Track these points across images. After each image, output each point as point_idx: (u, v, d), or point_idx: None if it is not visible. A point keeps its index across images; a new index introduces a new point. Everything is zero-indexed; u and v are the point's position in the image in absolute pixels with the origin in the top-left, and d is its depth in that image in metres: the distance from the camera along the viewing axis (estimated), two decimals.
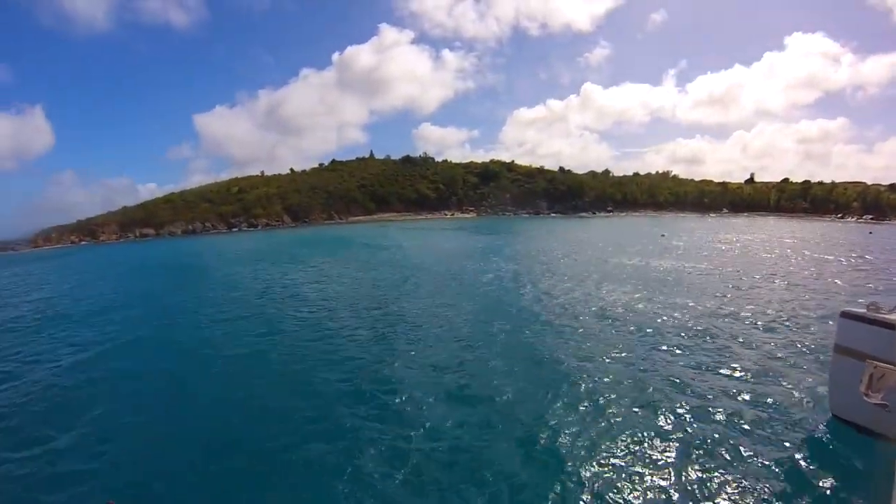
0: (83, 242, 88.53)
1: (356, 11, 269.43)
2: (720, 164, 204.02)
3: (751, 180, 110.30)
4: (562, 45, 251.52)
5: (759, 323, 14.65)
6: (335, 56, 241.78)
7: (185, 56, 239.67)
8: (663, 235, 47.73)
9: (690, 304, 17.04)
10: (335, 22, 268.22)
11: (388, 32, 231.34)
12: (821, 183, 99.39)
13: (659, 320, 15.04)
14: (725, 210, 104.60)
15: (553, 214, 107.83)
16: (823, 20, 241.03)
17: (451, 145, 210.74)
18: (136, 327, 17.75)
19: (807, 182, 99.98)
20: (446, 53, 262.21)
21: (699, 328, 14.14)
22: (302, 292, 22.35)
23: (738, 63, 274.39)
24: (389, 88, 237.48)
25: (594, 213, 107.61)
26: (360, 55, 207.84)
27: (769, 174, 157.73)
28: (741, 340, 12.98)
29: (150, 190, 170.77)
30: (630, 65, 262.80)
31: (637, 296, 18.70)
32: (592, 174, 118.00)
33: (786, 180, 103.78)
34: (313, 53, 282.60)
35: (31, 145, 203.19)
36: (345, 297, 20.72)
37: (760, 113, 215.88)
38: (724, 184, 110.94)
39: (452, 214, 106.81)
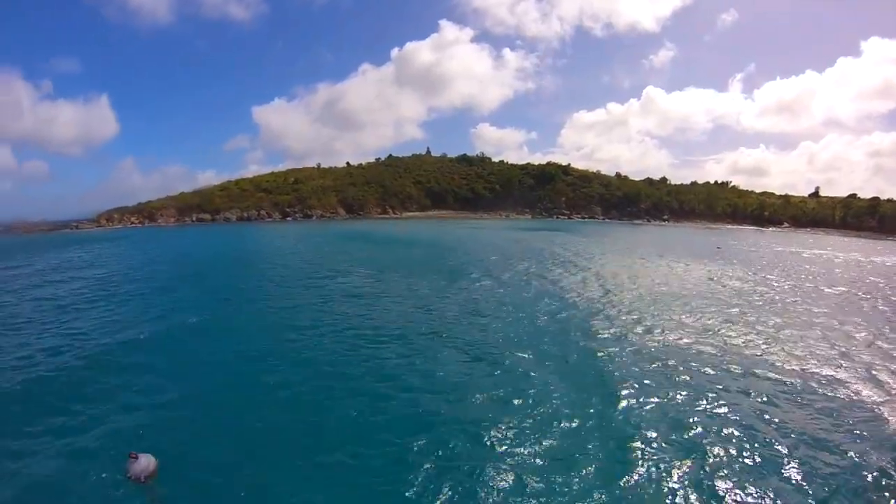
0: (140, 224, 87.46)
1: (416, 7, 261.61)
2: (784, 175, 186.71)
3: (815, 194, 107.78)
4: (625, 46, 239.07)
5: (834, 347, 14.01)
6: (394, 52, 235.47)
7: (243, 50, 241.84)
8: (719, 248, 46.52)
9: (768, 326, 16.23)
10: (394, 17, 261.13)
11: (448, 29, 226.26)
12: (890, 200, 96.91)
13: (734, 338, 14.62)
14: (786, 224, 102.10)
15: (607, 220, 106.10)
16: None
17: (509, 146, 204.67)
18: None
19: (875, 199, 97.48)
20: (507, 52, 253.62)
21: (777, 346, 13.80)
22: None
23: (810, 69, 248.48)
24: (448, 86, 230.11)
25: (649, 221, 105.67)
26: (420, 51, 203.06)
27: (835, 188, 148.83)
28: (816, 362, 12.61)
29: (207, 178, 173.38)
30: (695, 68, 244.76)
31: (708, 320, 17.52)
32: (649, 181, 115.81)
33: (853, 196, 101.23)
34: (372, 49, 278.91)
35: (97, 133, 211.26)
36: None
37: (830, 123, 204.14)
38: (786, 196, 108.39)
39: (507, 215, 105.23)
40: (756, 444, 8.34)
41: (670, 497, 6.93)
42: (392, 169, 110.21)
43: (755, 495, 6.97)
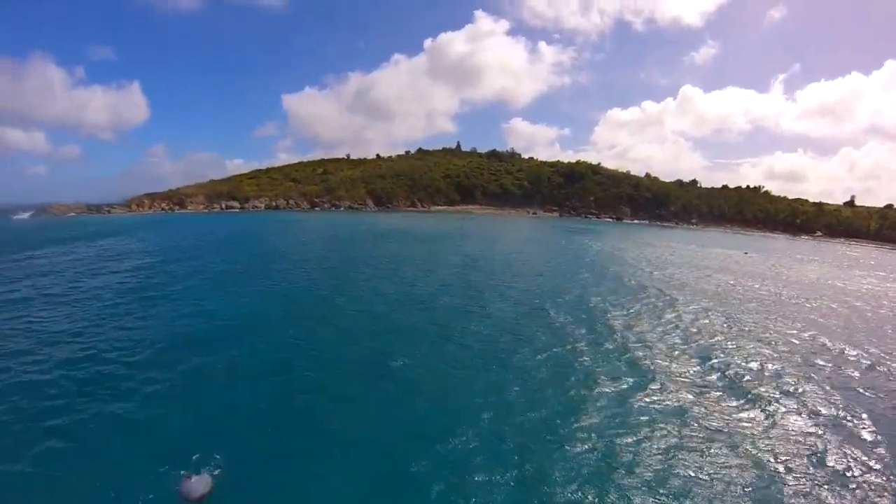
0: (169, 210, 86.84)
1: None
2: (822, 182, 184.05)
3: (851, 203, 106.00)
4: (666, 42, 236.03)
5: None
6: (427, 42, 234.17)
7: (274, 37, 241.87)
8: (746, 253, 47.98)
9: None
10: (429, 7, 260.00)
11: (483, 20, 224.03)
12: None
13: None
14: (819, 233, 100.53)
15: (636, 221, 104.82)
16: None
17: (541, 143, 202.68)
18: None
19: None
20: (543, 46, 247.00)
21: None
22: None
23: (856, 70, 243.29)
24: (482, 79, 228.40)
25: (677, 224, 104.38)
26: (454, 43, 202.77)
27: (874, 198, 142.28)
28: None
29: (236, 166, 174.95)
30: (737, 67, 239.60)
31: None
32: (679, 183, 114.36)
33: (889, 206, 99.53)
34: (405, 39, 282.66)
35: (129, 118, 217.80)
36: None
37: (873, 129, 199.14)
38: (819, 204, 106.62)
39: (535, 213, 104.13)
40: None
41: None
42: (422, 162, 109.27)
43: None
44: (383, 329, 14.14)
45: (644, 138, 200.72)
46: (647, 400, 10.18)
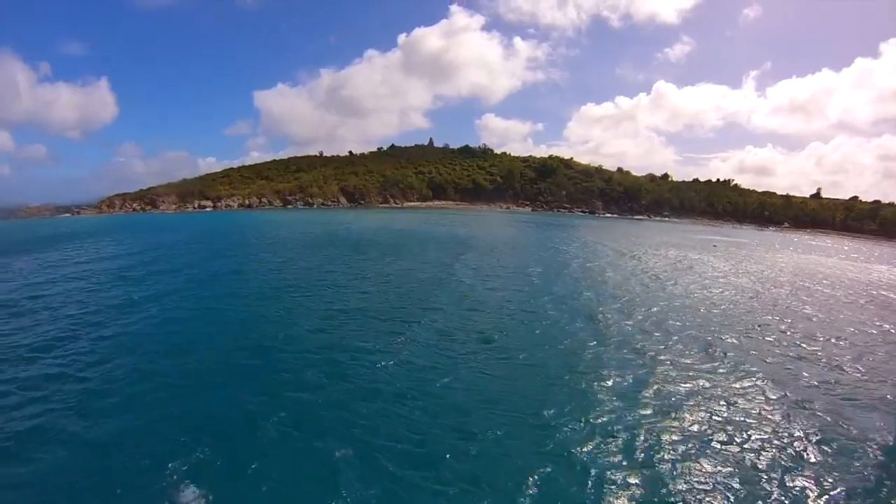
0: (141, 211, 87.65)
1: None
2: (790, 176, 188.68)
3: (817, 195, 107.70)
4: (641, 38, 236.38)
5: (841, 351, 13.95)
6: (401, 38, 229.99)
7: (246, 33, 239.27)
8: (715, 245, 49.15)
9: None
10: (403, 2, 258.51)
11: (458, 15, 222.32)
12: (891, 204, 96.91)
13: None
14: (786, 224, 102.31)
15: (608, 215, 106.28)
16: None
17: (514, 138, 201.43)
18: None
19: (877, 202, 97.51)
20: (518, 41, 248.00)
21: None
22: None
23: (827, 67, 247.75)
24: (455, 74, 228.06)
25: (649, 217, 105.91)
26: (428, 38, 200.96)
27: (841, 191, 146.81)
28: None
29: (208, 164, 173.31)
30: (710, 63, 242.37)
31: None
32: (651, 177, 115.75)
33: (854, 198, 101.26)
34: (378, 34, 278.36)
35: (97, 116, 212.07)
36: None
37: (841, 125, 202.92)
38: (787, 197, 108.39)
39: (508, 207, 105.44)
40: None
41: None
42: (394, 159, 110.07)
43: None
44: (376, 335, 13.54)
45: (617, 133, 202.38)
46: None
